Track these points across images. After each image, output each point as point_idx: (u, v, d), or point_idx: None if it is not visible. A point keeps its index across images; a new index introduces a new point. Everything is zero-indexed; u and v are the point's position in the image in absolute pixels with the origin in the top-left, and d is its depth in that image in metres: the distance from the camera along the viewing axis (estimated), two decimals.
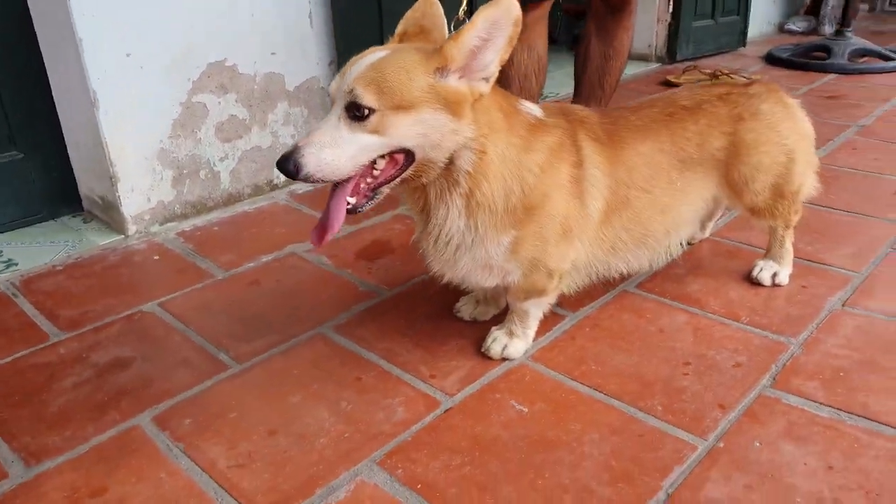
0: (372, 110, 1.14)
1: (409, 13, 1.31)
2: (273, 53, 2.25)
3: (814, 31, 5.19)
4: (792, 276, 1.75)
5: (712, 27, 4.35)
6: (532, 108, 1.36)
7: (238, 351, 1.54)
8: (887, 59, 4.03)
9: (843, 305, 1.63)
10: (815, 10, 5.32)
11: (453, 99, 1.17)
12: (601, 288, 1.73)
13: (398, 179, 1.23)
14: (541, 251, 1.35)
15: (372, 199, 1.24)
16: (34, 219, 2.16)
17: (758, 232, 1.91)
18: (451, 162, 1.23)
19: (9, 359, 1.54)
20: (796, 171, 1.59)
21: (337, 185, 1.22)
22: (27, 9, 1.97)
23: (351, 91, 1.14)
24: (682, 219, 1.56)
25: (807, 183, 1.65)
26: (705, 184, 1.56)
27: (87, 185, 2.17)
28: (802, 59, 4.11)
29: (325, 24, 2.36)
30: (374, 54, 1.18)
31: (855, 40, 4.16)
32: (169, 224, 2.16)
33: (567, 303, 1.67)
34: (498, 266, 1.35)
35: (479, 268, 1.36)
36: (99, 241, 2.07)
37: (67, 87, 2.00)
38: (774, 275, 1.73)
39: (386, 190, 1.25)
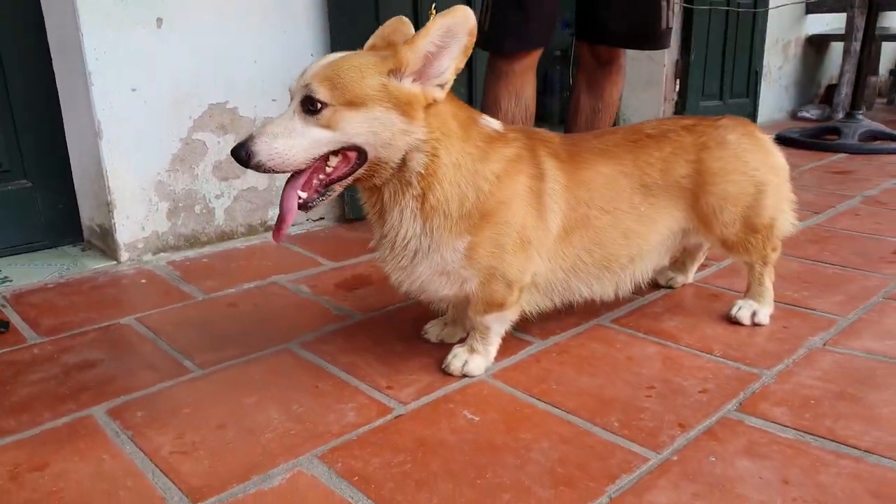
0: (325, 104, 1.19)
1: (380, 29, 1.39)
2: (274, 100, 2.37)
3: (828, 118, 5.26)
4: (774, 318, 1.72)
5: (720, 108, 4.44)
6: (492, 122, 1.41)
7: (203, 359, 1.55)
8: None
9: (824, 344, 1.59)
10: (828, 99, 5.43)
11: (405, 100, 1.23)
12: (574, 319, 1.72)
13: (350, 178, 1.28)
14: (498, 259, 1.36)
15: (323, 195, 1.28)
16: (37, 245, 2.24)
17: (743, 278, 1.88)
18: (403, 163, 1.27)
19: None
20: (766, 203, 1.59)
21: (290, 180, 1.26)
22: (47, 44, 2.12)
23: (306, 86, 1.20)
24: (648, 246, 1.56)
25: (781, 218, 1.64)
26: (671, 212, 1.56)
27: (87, 213, 2.26)
28: (812, 140, 4.15)
29: None
30: (333, 55, 1.25)
31: (866, 122, 4.20)
32: (161, 254, 2.22)
33: (536, 330, 1.66)
34: (455, 272, 1.36)
35: (436, 274, 1.37)
36: (92, 265, 2.13)
37: (76, 118, 2.12)
38: (754, 314, 1.70)
39: (338, 188, 1.29)
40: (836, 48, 5.42)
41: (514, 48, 2.10)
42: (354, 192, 2.46)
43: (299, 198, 1.26)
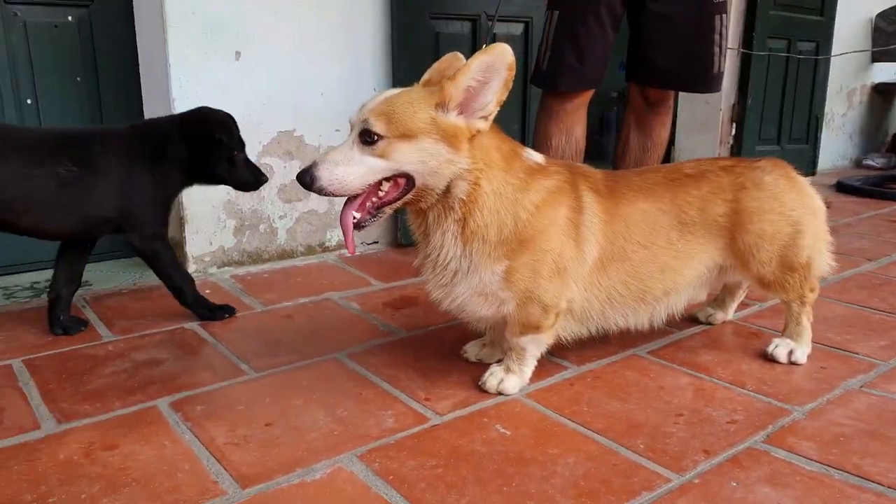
0: (380, 137, 1.31)
1: (435, 64, 1.50)
2: (337, 130, 2.52)
3: (893, 167, 5.16)
4: (812, 358, 1.74)
5: (778, 153, 4.42)
6: (535, 155, 1.50)
7: (258, 363, 1.67)
8: None
9: (861, 387, 1.60)
10: (895, 148, 5.33)
11: (451, 132, 1.34)
12: (610, 349, 1.78)
13: (399, 202, 1.39)
14: (533, 283, 1.44)
15: (375, 216, 1.39)
16: (116, 255, 2.43)
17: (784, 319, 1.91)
18: (447, 190, 1.38)
19: (66, 349, 1.74)
20: (803, 243, 1.62)
21: (347, 202, 1.38)
22: (139, 79, 2.33)
23: (365, 120, 1.32)
24: (684, 280, 1.62)
25: (818, 258, 1.67)
26: (708, 249, 1.62)
27: None
28: (874, 188, 4.09)
29: None
30: (389, 91, 1.38)
31: None
32: (226, 268, 2.38)
33: (573, 357, 1.72)
34: (493, 294, 1.45)
35: (474, 295, 1.46)
36: None
37: None
38: (791, 352, 1.72)
39: (388, 210, 1.40)
40: None
41: (569, 87, 2.19)
42: (407, 217, 2.59)
43: (354, 217, 1.38)
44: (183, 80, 2.17)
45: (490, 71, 1.31)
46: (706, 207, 1.60)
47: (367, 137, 1.32)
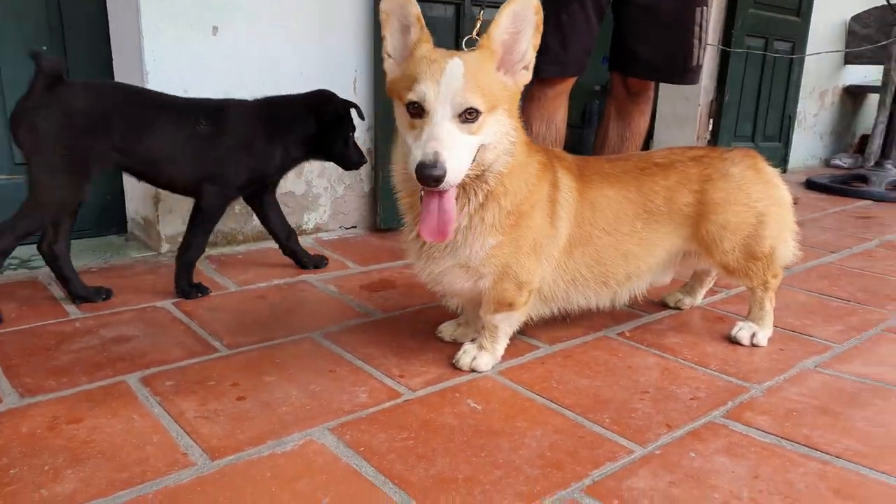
0: (479, 113, 1.27)
1: (383, 4, 1.35)
2: None
3: (860, 168, 5.27)
4: (772, 341, 1.79)
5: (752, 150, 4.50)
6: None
7: (230, 341, 1.68)
8: None
9: (815, 367, 1.65)
10: (863, 149, 5.44)
11: (513, 98, 1.34)
12: (581, 330, 1.81)
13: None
14: (513, 258, 1.46)
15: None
16: (84, 234, 2.41)
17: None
18: (490, 165, 1.36)
19: (32, 325, 1.72)
20: (767, 233, 1.66)
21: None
22: (109, 44, 2.32)
23: (465, 99, 1.25)
24: (646, 266, 1.66)
25: (782, 247, 1.72)
26: (672, 237, 1.66)
27: (133, 207, 2.43)
28: (841, 186, 4.19)
29: (367, 92, 2.64)
30: (459, 61, 1.27)
31: (894, 171, 4.23)
32: None
33: (545, 337, 1.75)
34: (474, 268, 1.47)
35: (457, 267, 1.47)
36: (134, 254, 2.29)
37: None
38: (753, 335, 1.77)
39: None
40: (873, 99, 5.45)
41: (551, 73, 2.22)
42: (387, 201, 2.60)
43: None
44: (157, 54, 2.16)
45: (519, 19, 1.31)
46: (673, 197, 1.63)
47: (467, 116, 1.26)
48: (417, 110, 1.27)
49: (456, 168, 1.24)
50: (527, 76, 1.37)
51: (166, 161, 1.87)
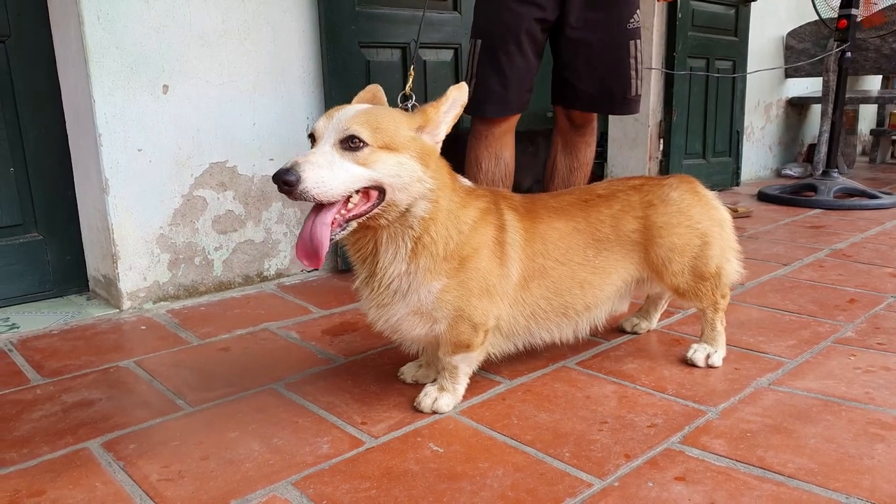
0: (365, 144, 1.34)
1: (360, 94, 1.58)
2: (271, 159, 2.55)
3: (809, 176, 5.45)
4: (727, 361, 1.84)
5: (704, 166, 4.64)
6: (464, 179, 1.58)
7: (193, 398, 1.68)
8: (872, 197, 4.22)
9: (769, 384, 1.71)
10: (811, 157, 5.63)
11: (427, 152, 1.43)
12: (541, 362, 1.85)
13: (365, 216, 1.40)
14: (465, 301, 1.50)
15: (344, 229, 1.39)
16: (46, 294, 2.40)
17: None
18: (408, 208, 1.43)
19: None
20: (711, 253, 1.73)
21: (320, 209, 1.36)
22: (62, 107, 2.32)
23: (349, 127, 1.33)
24: (603, 294, 1.71)
25: (727, 266, 1.78)
26: (624, 264, 1.71)
27: (93, 265, 2.42)
28: (791, 196, 4.32)
29: None
30: (362, 105, 1.44)
31: (841, 180, 4.38)
32: (162, 303, 2.37)
33: (506, 372, 1.78)
34: (427, 313, 1.50)
35: (410, 314, 1.51)
36: (96, 313, 2.28)
37: (85, 176, 2.30)
38: (708, 356, 1.82)
39: (354, 224, 1.40)
40: (817, 110, 5.66)
41: (495, 113, 2.29)
42: (347, 243, 2.62)
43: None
44: (109, 116, 2.17)
45: (455, 104, 1.47)
46: (618, 225, 1.69)
47: (351, 143, 1.33)
48: (312, 142, 1.39)
49: (318, 181, 1.28)
50: (437, 148, 1.49)
51: None
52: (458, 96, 1.48)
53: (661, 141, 4.46)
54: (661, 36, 4.27)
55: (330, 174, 1.31)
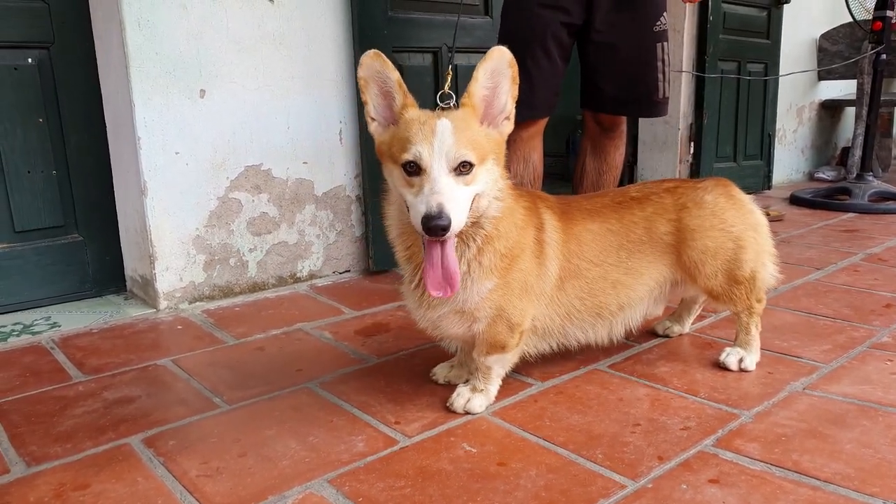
0: (472, 165, 1.36)
1: (365, 69, 1.43)
2: (305, 163, 2.59)
3: (843, 180, 5.36)
4: (761, 365, 1.83)
5: (735, 169, 4.59)
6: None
7: (230, 396, 1.71)
8: None
9: (804, 389, 1.69)
10: (844, 161, 5.54)
11: (498, 146, 1.43)
12: (573, 364, 1.85)
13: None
14: (506, 300, 1.52)
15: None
16: (85, 294, 2.46)
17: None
18: (484, 211, 1.44)
19: (35, 391, 1.76)
20: (746, 257, 1.72)
21: (446, 242, 1.37)
22: (104, 118, 2.39)
23: (458, 152, 1.33)
24: (636, 295, 1.71)
25: (762, 270, 1.77)
26: (656, 265, 1.71)
27: (131, 266, 2.48)
28: (824, 200, 4.26)
29: (353, 142, 2.71)
30: (446, 120, 1.35)
31: (876, 183, 4.30)
32: (197, 303, 2.41)
33: (537, 374, 1.79)
34: (469, 312, 1.52)
35: (452, 313, 1.52)
36: (133, 313, 2.33)
37: (125, 180, 2.36)
38: (741, 360, 1.81)
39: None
40: (850, 112, 5.57)
41: (523, 117, 2.29)
42: (378, 245, 2.65)
43: None
44: (148, 119, 2.22)
45: (496, 74, 1.40)
46: (652, 227, 1.69)
47: (462, 169, 1.34)
48: (414, 169, 1.35)
49: (458, 218, 1.32)
50: (509, 126, 1.46)
51: None
52: (492, 66, 1.37)
53: (692, 144, 4.43)
54: (691, 38, 4.24)
55: (458, 207, 1.33)
